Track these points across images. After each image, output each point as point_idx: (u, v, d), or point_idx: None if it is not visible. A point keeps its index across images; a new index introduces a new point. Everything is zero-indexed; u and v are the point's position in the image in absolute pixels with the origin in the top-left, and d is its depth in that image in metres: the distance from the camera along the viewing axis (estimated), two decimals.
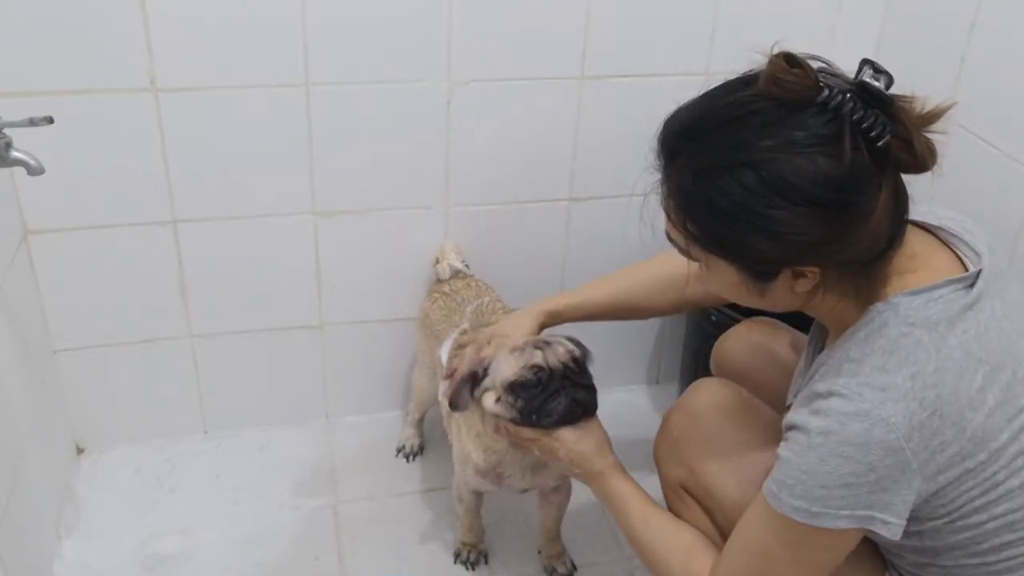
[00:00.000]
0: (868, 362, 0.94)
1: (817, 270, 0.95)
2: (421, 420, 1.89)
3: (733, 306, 1.70)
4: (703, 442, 1.10)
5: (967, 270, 1.00)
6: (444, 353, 1.60)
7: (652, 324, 2.07)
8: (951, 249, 1.03)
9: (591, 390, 1.30)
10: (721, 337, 1.46)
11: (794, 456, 0.97)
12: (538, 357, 1.29)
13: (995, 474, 0.96)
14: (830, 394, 0.95)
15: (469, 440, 1.43)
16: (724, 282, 1.01)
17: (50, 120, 1.28)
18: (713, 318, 1.75)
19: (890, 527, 0.95)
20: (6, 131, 1.30)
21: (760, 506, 1.01)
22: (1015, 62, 1.46)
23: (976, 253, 1.01)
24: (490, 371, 1.31)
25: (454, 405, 1.34)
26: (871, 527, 0.96)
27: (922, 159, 0.92)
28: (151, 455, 1.87)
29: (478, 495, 1.59)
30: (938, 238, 1.05)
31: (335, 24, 1.57)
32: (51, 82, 1.49)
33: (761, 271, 0.97)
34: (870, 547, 1.11)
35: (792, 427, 0.99)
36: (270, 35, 1.55)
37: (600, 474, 1.24)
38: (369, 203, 1.75)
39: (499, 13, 1.62)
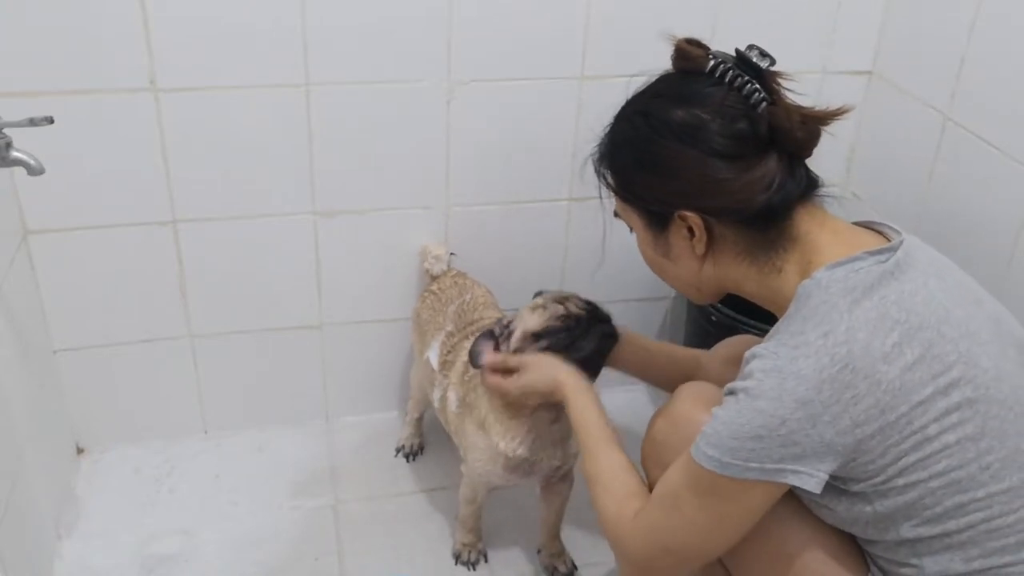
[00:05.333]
0: (789, 329, 1.01)
1: (700, 220, 1.07)
2: (420, 419, 1.90)
3: (732, 306, 1.71)
4: (684, 446, 1.12)
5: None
6: (433, 356, 1.61)
7: (652, 324, 2.07)
8: (876, 232, 1.10)
9: (613, 328, 1.42)
10: (706, 354, 1.48)
11: (719, 411, 1.03)
12: (561, 309, 1.39)
13: (924, 428, 0.98)
14: (753, 357, 1.02)
15: (497, 432, 1.43)
16: (640, 239, 1.18)
17: (50, 120, 1.28)
18: (713, 318, 1.75)
19: (801, 477, 0.99)
20: (6, 131, 1.29)
21: (684, 456, 1.07)
22: (1015, 62, 1.46)
23: (898, 232, 1.08)
24: (512, 331, 1.40)
25: (472, 361, 1.42)
26: (783, 480, 0.99)
27: (800, 134, 1.03)
28: (151, 455, 1.87)
29: (489, 494, 1.59)
30: (865, 227, 1.12)
31: (335, 24, 1.57)
32: (51, 82, 1.50)
33: (655, 214, 1.12)
34: (850, 546, 1.12)
35: (727, 393, 1.04)
36: (270, 35, 1.55)
37: (561, 400, 1.33)
38: (369, 203, 1.75)
39: (499, 13, 1.63)
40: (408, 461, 1.89)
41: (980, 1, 1.52)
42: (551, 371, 1.34)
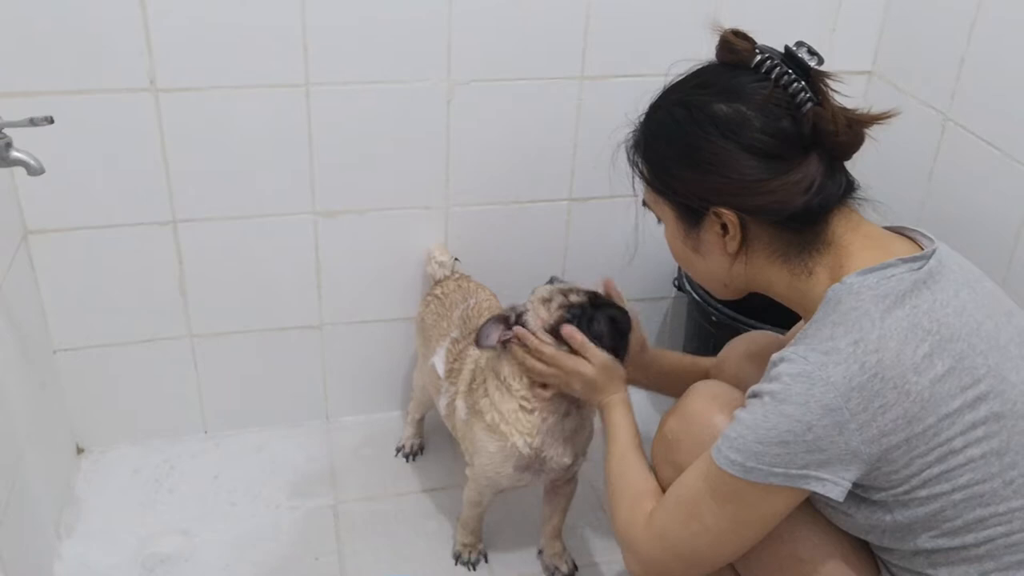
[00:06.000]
0: (819, 334, 1.00)
1: (735, 218, 1.05)
2: (421, 420, 1.89)
3: (732, 306, 1.71)
4: (696, 445, 1.12)
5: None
6: (438, 363, 1.60)
7: (652, 324, 2.07)
8: (908, 238, 1.09)
9: (621, 310, 1.40)
10: (723, 348, 1.48)
11: (743, 414, 1.02)
12: (564, 300, 1.39)
13: (950, 440, 0.97)
14: (781, 360, 1.01)
15: (512, 430, 1.43)
16: (670, 231, 1.15)
17: (50, 120, 1.28)
18: (714, 318, 1.75)
19: (825, 484, 0.98)
20: (6, 131, 1.29)
21: (703, 459, 1.06)
22: (1015, 62, 1.46)
23: (931, 240, 1.07)
24: (527, 321, 1.39)
25: (478, 341, 1.41)
26: (806, 486, 0.99)
27: (844, 137, 1.01)
28: (150, 455, 1.87)
29: (495, 496, 1.59)
30: (897, 233, 1.11)
31: (335, 24, 1.57)
32: (51, 82, 1.50)
33: (689, 208, 1.09)
34: (863, 552, 1.11)
35: (751, 395, 1.03)
36: (270, 35, 1.55)
37: (603, 405, 1.32)
38: (369, 203, 1.75)
39: (499, 13, 1.63)
40: (408, 461, 1.89)
41: (980, 1, 1.52)
42: (615, 373, 1.33)
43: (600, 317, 1.38)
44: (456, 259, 1.79)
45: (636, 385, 1.42)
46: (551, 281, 1.48)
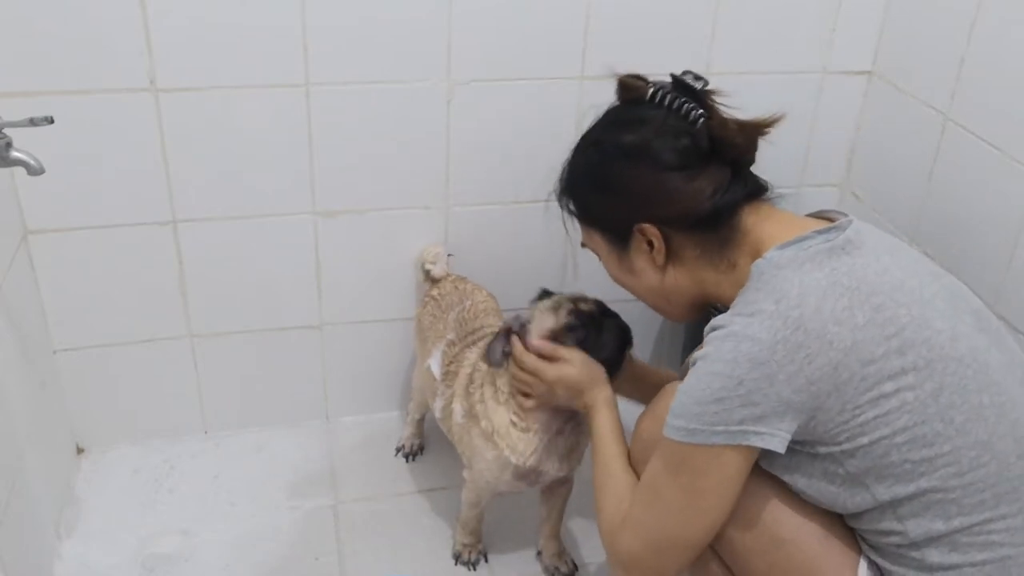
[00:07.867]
0: (744, 301, 1.07)
1: (656, 231, 1.15)
2: (421, 420, 1.89)
3: None
4: None
5: None
6: (435, 365, 1.60)
7: (651, 325, 2.07)
8: (827, 219, 1.15)
9: (625, 323, 1.43)
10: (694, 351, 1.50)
11: (682, 385, 1.08)
12: (573, 307, 1.41)
13: (879, 384, 1.01)
14: (711, 329, 1.08)
15: (506, 445, 1.43)
16: (607, 262, 1.26)
17: (50, 120, 1.28)
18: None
19: (764, 438, 1.02)
20: (6, 131, 1.29)
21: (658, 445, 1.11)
22: (1015, 62, 1.46)
23: (846, 215, 1.13)
24: (529, 330, 1.40)
25: (488, 359, 1.43)
26: (747, 442, 1.03)
27: (739, 140, 1.12)
28: (150, 455, 1.87)
29: (493, 498, 1.59)
30: (816, 216, 1.18)
31: (335, 24, 1.57)
32: (51, 82, 1.50)
33: (615, 231, 1.20)
34: (843, 529, 1.14)
35: (691, 365, 1.08)
36: (270, 35, 1.55)
37: (588, 407, 1.34)
38: (369, 203, 1.75)
39: (499, 13, 1.63)
40: (408, 461, 1.89)
41: (980, 1, 1.52)
42: (595, 373, 1.35)
43: (609, 326, 1.39)
44: (450, 255, 1.79)
45: (622, 395, 1.44)
46: (545, 294, 1.48)
